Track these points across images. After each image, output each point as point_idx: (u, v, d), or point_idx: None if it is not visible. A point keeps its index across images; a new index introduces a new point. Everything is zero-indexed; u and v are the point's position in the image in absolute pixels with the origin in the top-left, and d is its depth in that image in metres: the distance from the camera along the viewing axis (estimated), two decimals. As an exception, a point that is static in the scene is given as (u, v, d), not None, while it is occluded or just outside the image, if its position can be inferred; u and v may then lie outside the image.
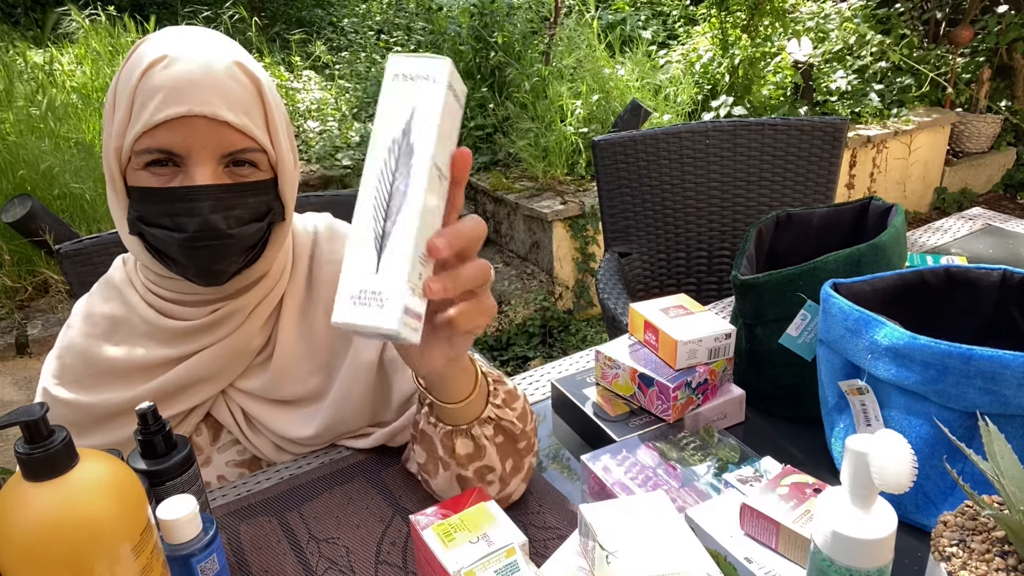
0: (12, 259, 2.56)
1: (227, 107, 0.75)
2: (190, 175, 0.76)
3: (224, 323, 0.87)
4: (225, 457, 0.93)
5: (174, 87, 0.73)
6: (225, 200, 0.77)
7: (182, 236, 0.77)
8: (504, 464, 0.78)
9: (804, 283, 0.90)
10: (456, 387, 0.71)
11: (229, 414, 0.91)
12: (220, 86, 0.75)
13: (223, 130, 0.76)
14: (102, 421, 0.87)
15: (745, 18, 3.92)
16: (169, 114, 0.73)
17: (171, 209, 0.77)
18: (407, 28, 5.07)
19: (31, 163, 2.71)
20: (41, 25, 4.49)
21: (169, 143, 0.75)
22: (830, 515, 0.56)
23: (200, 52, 0.76)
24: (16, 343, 2.24)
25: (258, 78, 0.79)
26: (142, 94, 0.74)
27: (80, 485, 0.53)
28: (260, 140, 0.78)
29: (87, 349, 0.88)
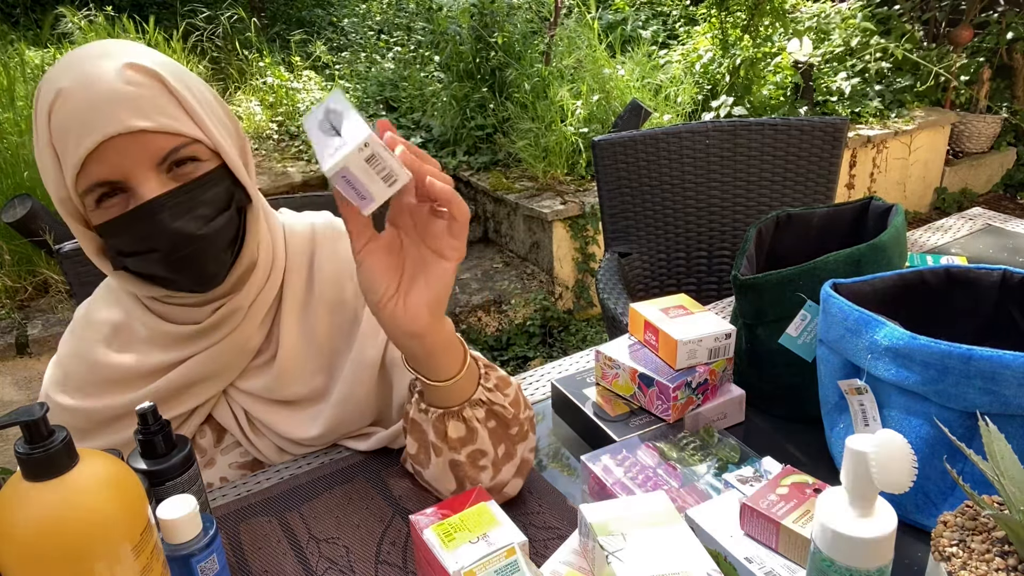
0: (12, 259, 2.56)
1: (136, 115, 0.72)
2: (138, 195, 0.74)
3: (224, 323, 0.86)
4: (228, 459, 0.93)
5: (78, 119, 0.71)
6: (182, 204, 0.75)
7: (159, 254, 0.76)
8: (496, 449, 0.78)
9: (804, 283, 0.90)
10: (444, 362, 0.72)
11: (231, 416, 0.91)
12: (119, 97, 0.71)
13: (145, 139, 0.73)
14: (104, 424, 0.87)
15: (745, 18, 3.92)
16: (87, 146, 0.71)
17: (138, 232, 0.75)
18: (407, 28, 5.07)
19: (31, 163, 2.71)
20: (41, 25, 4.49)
21: (103, 174, 0.73)
22: (830, 515, 0.56)
23: (88, 73, 0.72)
24: (16, 343, 2.24)
25: (156, 72, 0.74)
26: (57, 137, 0.72)
27: (80, 485, 0.53)
28: (186, 132, 0.75)
29: (89, 355, 0.87)
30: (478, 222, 3.74)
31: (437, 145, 3.95)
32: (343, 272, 0.92)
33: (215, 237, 0.78)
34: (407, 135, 3.70)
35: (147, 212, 0.74)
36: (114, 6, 4.67)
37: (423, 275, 0.68)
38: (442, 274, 0.68)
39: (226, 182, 0.80)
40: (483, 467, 0.78)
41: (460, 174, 3.75)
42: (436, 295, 0.68)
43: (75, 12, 4.15)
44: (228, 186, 0.80)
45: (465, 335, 3.08)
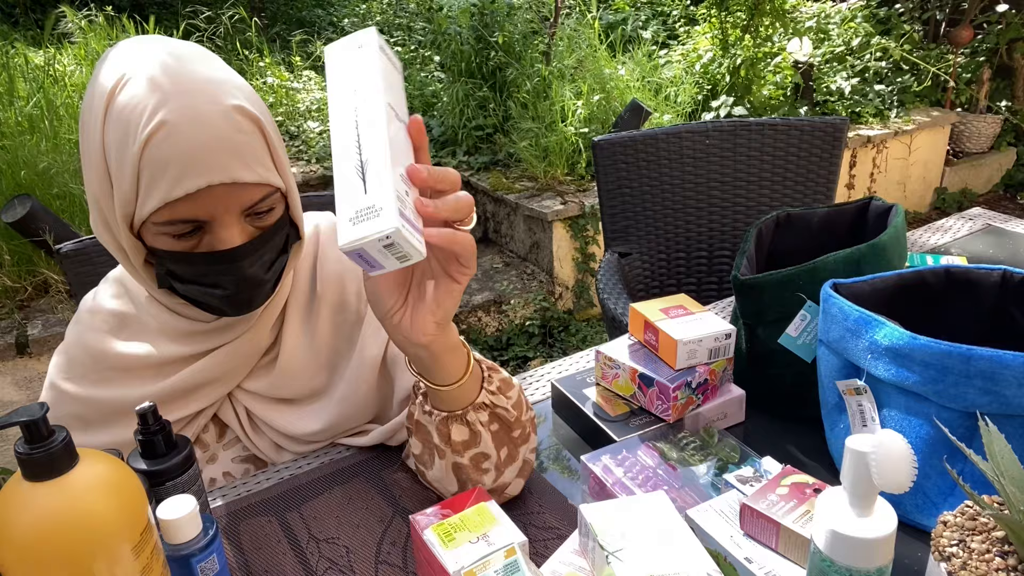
0: (12, 259, 2.56)
1: (243, 166, 0.73)
2: (218, 237, 0.76)
3: (235, 325, 0.87)
4: (231, 454, 0.93)
5: (185, 160, 0.70)
6: (256, 251, 0.79)
7: (223, 292, 0.79)
8: (499, 452, 0.78)
9: (804, 283, 0.90)
10: (449, 367, 0.72)
11: (233, 414, 0.92)
12: (230, 146, 0.72)
13: (241, 188, 0.74)
14: (110, 418, 0.87)
15: (745, 18, 3.92)
16: (189, 189, 0.71)
17: (208, 271, 0.77)
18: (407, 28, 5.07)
19: (31, 163, 2.71)
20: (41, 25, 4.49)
21: (191, 213, 0.74)
22: (830, 515, 0.56)
23: (196, 109, 0.71)
24: (16, 343, 2.24)
25: (258, 117, 0.75)
26: (152, 166, 0.71)
27: (80, 485, 0.53)
28: (273, 183, 0.77)
29: (95, 345, 0.88)
30: (478, 222, 3.74)
31: (437, 145, 3.95)
32: (346, 273, 0.93)
33: (272, 279, 0.82)
34: (407, 135, 3.69)
35: (228, 258, 0.76)
36: (114, 6, 4.66)
37: (434, 292, 0.67)
38: (451, 292, 0.67)
39: (287, 226, 0.83)
40: (486, 470, 0.78)
41: (460, 174, 3.74)
42: (444, 312, 0.67)
43: (75, 12, 4.15)
44: (287, 229, 0.83)
45: (465, 335, 3.08)
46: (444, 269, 0.66)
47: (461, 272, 0.66)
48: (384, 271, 0.59)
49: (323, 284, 0.92)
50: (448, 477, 0.78)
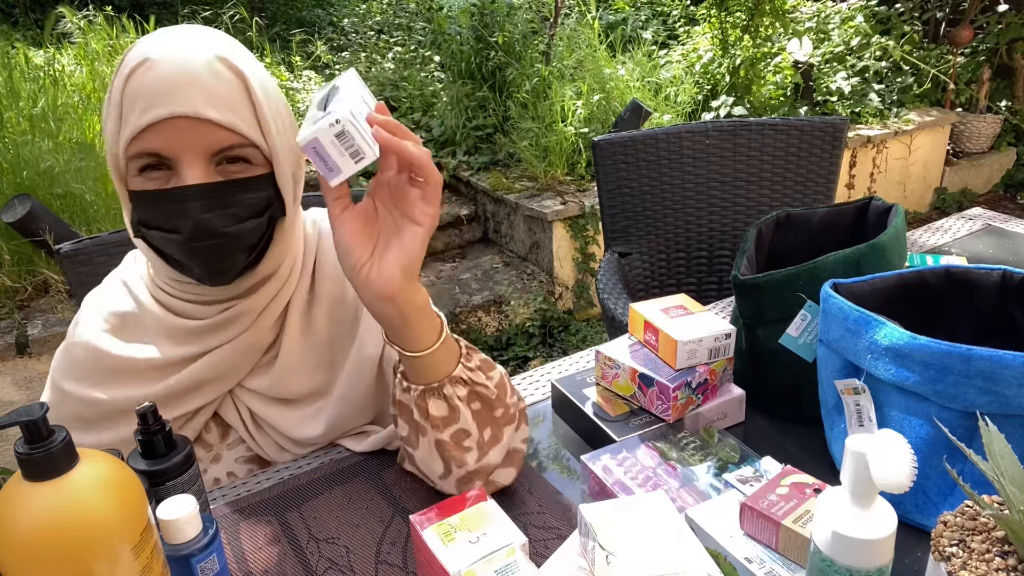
0: (12, 259, 2.56)
1: (209, 105, 0.74)
2: (181, 176, 0.75)
3: (235, 323, 0.87)
4: (234, 454, 0.93)
5: (155, 90, 0.73)
6: (217, 199, 0.77)
7: (179, 237, 0.77)
8: (482, 432, 0.79)
9: (804, 283, 0.90)
10: (419, 330, 0.74)
11: (236, 413, 0.92)
12: (201, 84, 0.74)
13: (208, 128, 0.74)
14: (112, 417, 0.87)
15: (745, 18, 3.92)
16: (152, 117, 0.73)
17: (165, 211, 0.76)
18: (407, 28, 5.07)
19: (32, 163, 2.71)
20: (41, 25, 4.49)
21: (156, 146, 0.74)
22: (830, 515, 0.56)
23: (180, 51, 0.74)
24: (16, 343, 2.24)
25: (243, 72, 0.77)
26: (128, 100, 0.74)
27: (80, 485, 0.53)
28: (249, 135, 0.77)
29: (97, 345, 0.88)
30: (478, 222, 3.74)
31: (437, 145, 3.95)
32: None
33: (237, 238, 0.79)
34: (407, 135, 3.69)
35: (181, 196, 0.75)
36: (114, 6, 4.67)
37: (397, 240, 0.71)
38: (414, 238, 0.71)
39: (268, 191, 0.81)
40: (468, 448, 0.78)
41: (460, 174, 3.75)
42: (409, 258, 0.71)
43: (75, 12, 4.15)
44: (269, 195, 0.81)
45: (465, 335, 3.08)
46: (406, 213, 0.71)
47: (424, 212, 0.71)
48: (342, 176, 0.66)
49: (321, 281, 0.92)
50: (432, 456, 0.79)
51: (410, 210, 0.71)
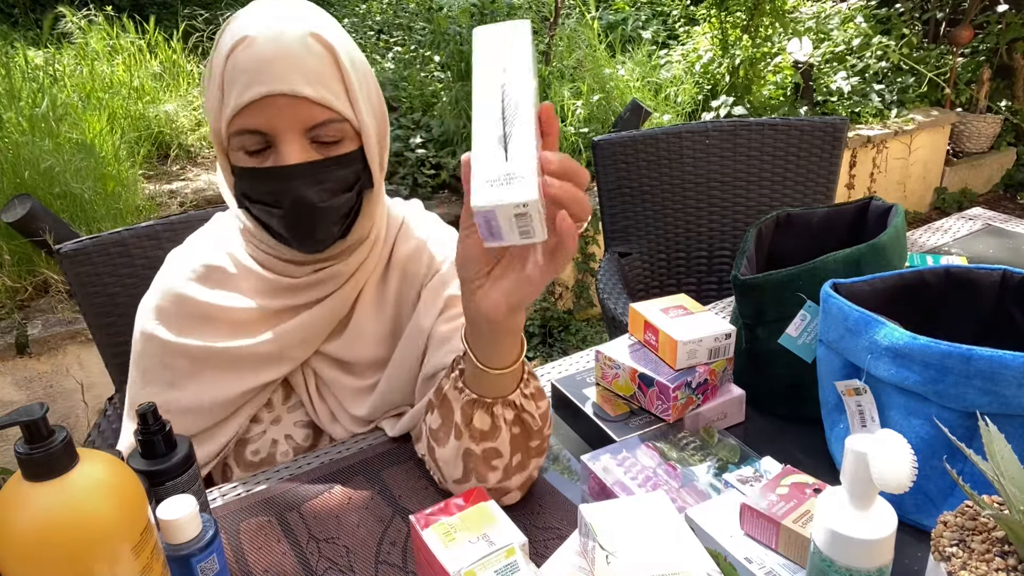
0: (12, 259, 2.56)
1: (304, 82, 0.77)
2: (280, 154, 0.80)
3: (324, 284, 0.91)
4: (294, 417, 0.97)
5: (253, 68, 0.76)
6: (315, 175, 0.81)
7: (280, 211, 0.82)
8: (513, 456, 0.78)
9: (804, 283, 0.90)
10: (501, 352, 0.73)
11: (302, 378, 0.95)
12: (295, 61, 0.77)
13: (303, 105, 0.78)
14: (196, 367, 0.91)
15: (745, 18, 3.91)
16: (251, 95, 0.76)
17: (268, 188, 0.81)
18: (407, 28, 5.07)
19: (31, 163, 2.71)
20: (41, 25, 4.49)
21: (255, 124, 0.79)
22: (830, 515, 0.56)
23: (275, 28, 0.77)
24: (16, 343, 2.23)
25: (333, 46, 0.80)
26: (229, 77, 0.78)
27: (80, 485, 0.53)
28: (340, 110, 0.80)
29: (181, 292, 0.91)
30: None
31: (437, 145, 3.94)
32: (422, 246, 0.97)
33: (331, 211, 0.83)
34: (407, 135, 3.70)
35: (283, 175, 0.80)
36: (114, 6, 4.66)
37: (515, 276, 0.67)
38: (533, 280, 0.67)
39: (357, 165, 0.85)
40: (494, 467, 0.78)
41: (460, 174, 3.74)
42: (522, 299, 0.68)
43: (75, 12, 4.15)
44: (358, 169, 0.85)
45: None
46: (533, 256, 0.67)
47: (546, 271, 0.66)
48: (501, 243, 0.60)
49: (397, 258, 0.96)
50: (456, 461, 0.78)
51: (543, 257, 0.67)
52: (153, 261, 1.24)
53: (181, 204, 3.09)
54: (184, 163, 3.58)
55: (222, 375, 0.91)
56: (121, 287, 1.23)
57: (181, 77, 4.04)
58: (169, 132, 3.63)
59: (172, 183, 3.32)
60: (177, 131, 3.64)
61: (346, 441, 0.97)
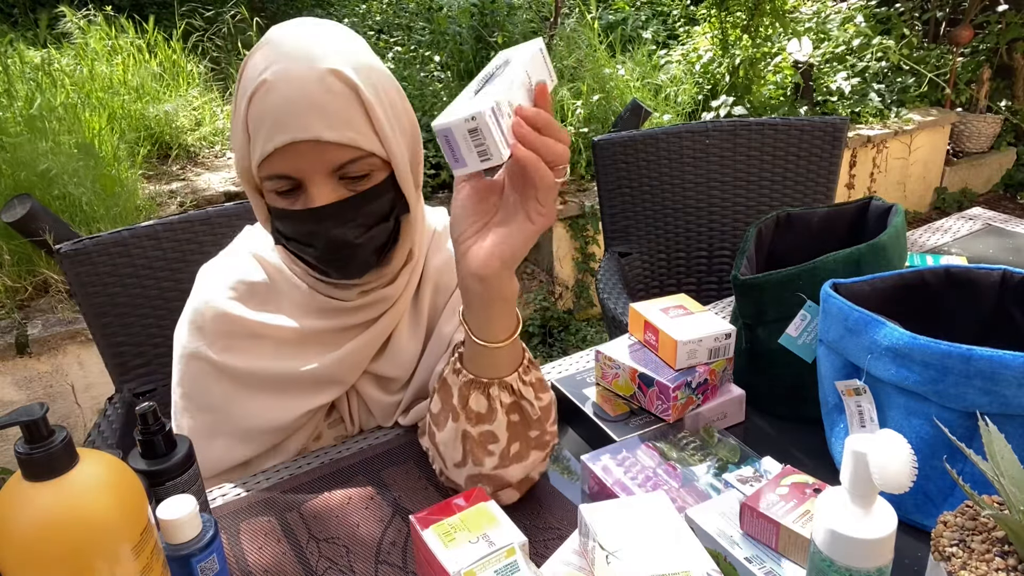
0: (12, 259, 2.55)
1: (326, 127, 0.76)
2: (310, 196, 0.79)
3: (372, 307, 0.91)
4: (333, 433, 0.98)
5: (274, 117, 0.76)
6: (346, 214, 0.81)
7: (315, 251, 0.82)
8: (510, 444, 0.79)
9: (804, 283, 0.90)
10: (495, 320, 0.74)
11: (345, 396, 0.96)
12: (316, 106, 0.75)
13: (328, 148, 0.77)
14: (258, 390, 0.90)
15: (745, 18, 3.91)
16: (276, 143, 0.76)
17: (300, 230, 0.81)
18: (407, 28, 5.07)
19: (29, 164, 2.71)
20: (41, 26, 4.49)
21: (283, 169, 0.78)
22: (830, 515, 0.56)
23: (292, 71, 0.75)
24: (16, 343, 2.23)
25: (354, 82, 0.77)
26: (252, 123, 0.78)
27: (80, 485, 0.53)
28: (366, 147, 0.79)
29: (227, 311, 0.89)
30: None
31: (437, 145, 3.94)
32: (451, 258, 0.97)
33: (368, 245, 0.83)
34: (407, 135, 3.70)
35: (314, 217, 0.80)
36: (114, 6, 4.66)
37: (508, 228, 0.70)
38: (522, 233, 0.70)
39: (391, 193, 0.84)
40: (490, 452, 0.79)
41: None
42: (512, 250, 0.70)
43: (74, 12, 4.15)
44: (392, 197, 0.84)
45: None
46: (522, 206, 0.70)
47: (538, 211, 0.69)
48: (466, 169, 0.65)
49: (429, 270, 0.96)
50: (455, 443, 0.79)
51: (527, 203, 0.70)
52: (153, 261, 1.25)
53: (181, 204, 3.09)
54: (184, 163, 3.58)
55: (275, 398, 0.90)
56: (121, 287, 1.23)
57: (181, 77, 4.04)
58: (169, 132, 3.63)
59: (172, 183, 3.32)
60: (177, 131, 3.64)
61: (346, 441, 0.97)
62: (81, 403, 2.36)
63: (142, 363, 1.26)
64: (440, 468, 0.84)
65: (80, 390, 2.35)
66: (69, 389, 2.33)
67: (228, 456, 0.91)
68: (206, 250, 0.97)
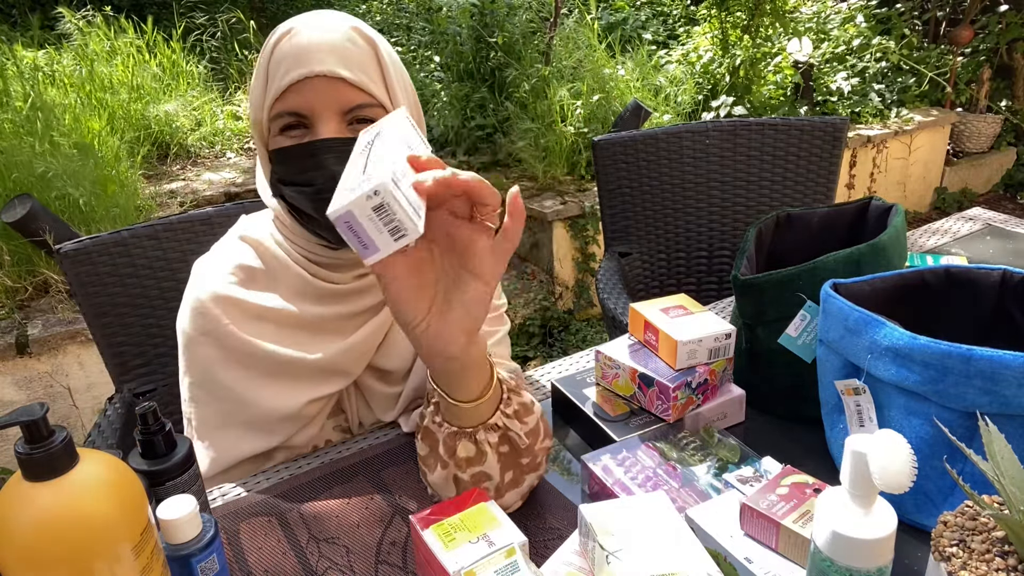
0: (12, 259, 2.56)
1: (343, 65, 0.80)
2: (316, 132, 0.81)
3: (369, 292, 0.91)
4: (333, 422, 0.98)
5: (296, 54, 0.80)
6: (348, 151, 0.77)
7: (312, 189, 0.82)
8: (503, 475, 0.77)
9: (804, 283, 0.90)
10: (471, 383, 0.71)
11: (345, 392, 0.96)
12: (337, 48, 0.80)
13: (341, 87, 0.80)
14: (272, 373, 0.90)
15: (745, 18, 3.92)
16: (293, 77, 0.79)
17: (301, 164, 0.82)
18: (407, 28, 5.07)
19: (27, 165, 2.71)
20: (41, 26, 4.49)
21: (295, 104, 0.81)
22: (830, 515, 0.56)
23: (321, 22, 0.82)
24: (16, 343, 2.24)
25: (375, 41, 0.84)
26: (273, 65, 0.81)
27: (80, 485, 0.53)
28: (378, 96, 0.83)
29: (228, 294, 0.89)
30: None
31: (437, 145, 3.94)
32: None
33: None
34: (407, 135, 3.70)
35: (316, 149, 0.81)
36: (113, 6, 4.66)
37: (459, 297, 0.64)
38: (480, 298, 0.64)
39: None
40: (486, 488, 0.77)
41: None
42: (475, 320, 0.64)
43: (73, 12, 4.15)
44: None
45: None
46: (469, 266, 0.63)
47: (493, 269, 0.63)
48: (380, 254, 0.56)
49: None
50: (448, 485, 0.77)
51: (475, 264, 0.63)
52: (153, 261, 1.25)
53: (181, 204, 3.09)
54: (184, 163, 3.58)
55: (283, 384, 0.89)
56: (121, 287, 1.23)
57: (181, 77, 4.03)
58: (169, 132, 3.63)
59: (172, 183, 3.32)
60: (177, 131, 3.64)
61: (346, 441, 0.97)
62: (81, 403, 2.36)
63: (142, 363, 1.26)
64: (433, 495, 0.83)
65: (80, 390, 2.35)
66: (69, 389, 2.34)
67: (240, 447, 0.90)
68: (206, 250, 0.97)
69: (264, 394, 0.89)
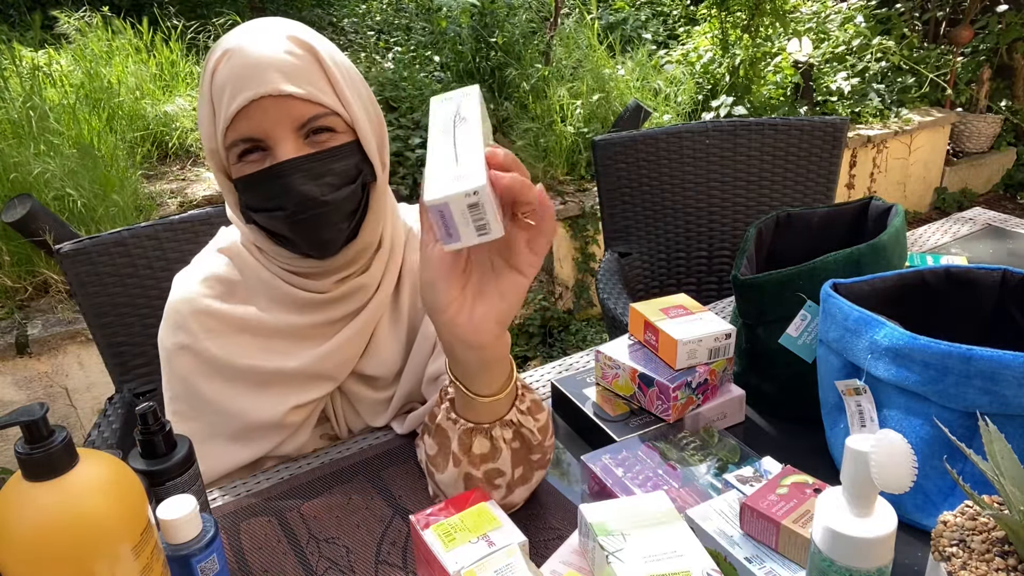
0: (12, 259, 2.55)
1: (287, 80, 0.77)
2: (275, 155, 0.79)
3: (351, 298, 0.90)
4: (319, 431, 0.98)
5: (237, 77, 0.77)
6: (312, 169, 0.80)
7: (284, 213, 0.80)
8: (514, 471, 0.77)
9: (804, 283, 0.90)
10: (495, 377, 0.71)
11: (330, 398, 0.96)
12: (276, 62, 0.77)
13: (290, 103, 0.78)
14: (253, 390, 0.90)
15: (745, 18, 3.92)
16: (239, 102, 0.77)
17: (268, 190, 0.80)
18: (407, 28, 5.07)
19: (24, 165, 2.70)
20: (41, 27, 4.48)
21: (247, 130, 0.78)
22: (830, 515, 0.56)
23: (254, 38, 0.79)
24: (16, 343, 2.23)
25: (313, 46, 0.80)
26: (216, 92, 0.79)
27: (80, 485, 0.53)
28: (328, 104, 0.80)
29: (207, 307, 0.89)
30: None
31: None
32: None
33: (338, 205, 0.82)
34: (407, 135, 3.70)
35: (280, 172, 0.79)
36: (112, 6, 4.66)
37: (495, 287, 0.65)
38: (516, 289, 0.65)
39: (356, 157, 0.84)
40: (498, 486, 0.77)
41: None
42: (509, 308, 0.65)
43: (71, 13, 4.15)
44: (358, 162, 0.84)
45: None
46: (508, 258, 0.65)
47: (530, 263, 0.64)
48: (459, 244, 0.60)
49: (408, 267, 0.95)
50: (457, 485, 0.77)
51: (514, 257, 0.64)
52: (153, 261, 1.25)
53: (181, 204, 3.09)
54: (184, 163, 3.58)
55: (266, 394, 0.89)
56: (121, 287, 1.23)
57: (180, 77, 4.03)
58: (168, 132, 3.63)
59: (172, 183, 3.32)
60: (177, 131, 3.64)
61: (346, 441, 0.97)
62: (81, 403, 2.36)
63: (142, 363, 1.26)
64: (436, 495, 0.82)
65: (80, 390, 2.35)
66: (68, 390, 2.33)
67: (226, 460, 0.91)
68: (206, 250, 0.97)
69: (247, 405, 0.89)
